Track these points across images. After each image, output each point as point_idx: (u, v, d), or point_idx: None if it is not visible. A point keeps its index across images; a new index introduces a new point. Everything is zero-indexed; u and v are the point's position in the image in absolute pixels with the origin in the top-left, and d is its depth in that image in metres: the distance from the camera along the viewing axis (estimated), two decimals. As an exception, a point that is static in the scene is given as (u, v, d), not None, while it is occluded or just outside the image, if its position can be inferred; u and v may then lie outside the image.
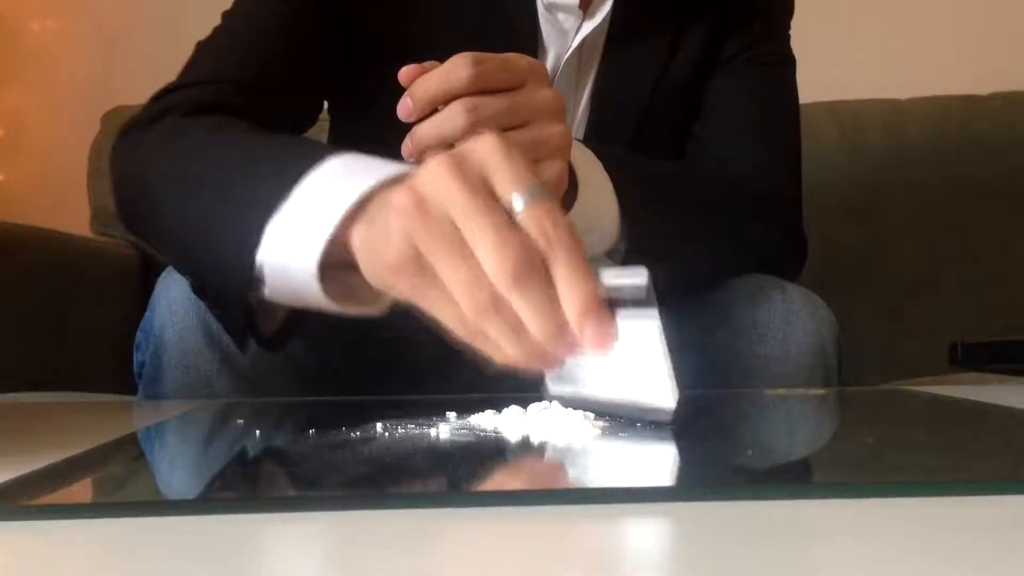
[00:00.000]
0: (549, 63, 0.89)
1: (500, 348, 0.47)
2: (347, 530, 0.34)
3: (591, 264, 0.46)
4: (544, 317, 0.45)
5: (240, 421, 0.63)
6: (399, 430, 0.52)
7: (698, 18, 0.93)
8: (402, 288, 0.48)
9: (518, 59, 0.64)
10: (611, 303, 0.46)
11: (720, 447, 0.54)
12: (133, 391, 0.86)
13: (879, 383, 1.13)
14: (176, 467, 0.52)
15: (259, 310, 0.63)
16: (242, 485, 0.45)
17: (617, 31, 0.91)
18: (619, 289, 0.46)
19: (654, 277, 0.46)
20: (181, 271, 0.75)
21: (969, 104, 1.67)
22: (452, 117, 0.62)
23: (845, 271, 1.56)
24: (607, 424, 0.52)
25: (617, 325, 0.45)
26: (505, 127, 0.63)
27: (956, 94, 1.68)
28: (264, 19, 0.84)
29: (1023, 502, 0.36)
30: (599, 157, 0.75)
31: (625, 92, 0.92)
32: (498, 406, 0.55)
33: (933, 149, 1.63)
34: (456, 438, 0.50)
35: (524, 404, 0.54)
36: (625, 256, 0.78)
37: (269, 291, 0.57)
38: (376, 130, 0.63)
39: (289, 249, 0.54)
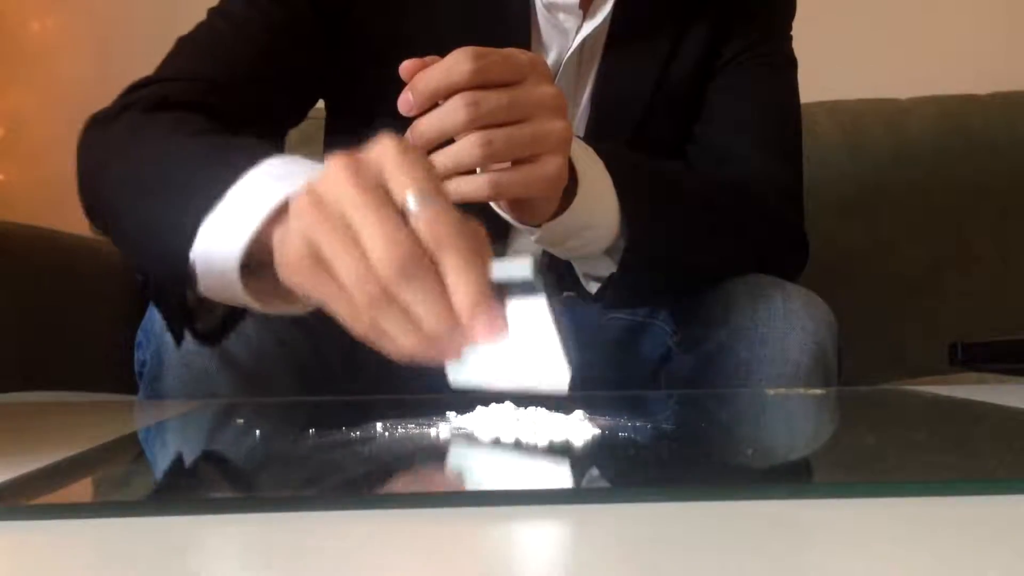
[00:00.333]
0: (550, 62, 0.89)
1: (395, 342, 0.47)
2: (347, 530, 0.34)
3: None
4: (433, 310, 0.45)
5: (240, 421, 0.63)
6: (398, 430, 0.52)
7: (699, 18, 0.93)
8: (302, 285, 0.49)
9: (519, 54, 0.64)
10: (500, 293, 0.47)
11: (720, 447, 0.54)
12: (133, 390, 0.86)
13: (879, 383, 1.13)
14: (176, 467, 0.52)
15: (196, 306, 0.64)
16: (241, 485, 0.45)
17: (618, 31, 0.91)
18: (507, 279, 0.47)
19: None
20: (135, 267, 0.76)
21: (969, 104, 1.67)
22: (453, 111, 0.62)
23: (845, 270, 1.56)
24: (606, 424, 0.52)
25: (506, 314, 0.46)
26: (506, 122, 0.63)
27: (956, 94, 1.68)
28: (247, 18, 0.84)
29: (1023, 502, 0.36)
30: (599, 155, 0.75)
31: (626, 92, 0.92)
32: (497, 405, 0.54)
33: (933, 149, 1.63)
34: (456, 439, 0.50)
35: (523, 404, 0.54)
36: (624, 254, 0.78)
37: (201, 287, 0.58)
38: (370, 127, 0.63)
39: (216, 246, 0.55)
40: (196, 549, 0.32)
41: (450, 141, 0.64)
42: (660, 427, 0.57)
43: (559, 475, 0.44)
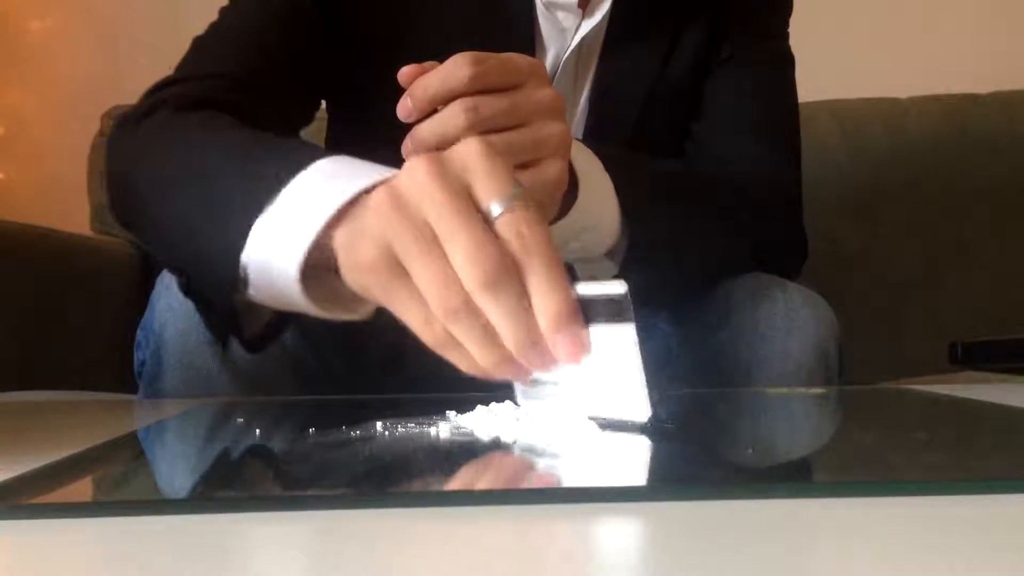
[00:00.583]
0: (549, 62, 0.90)
1: (467, 356, 0.46)
2: (347, 529, 0.34)
3: (569, 275, 0.46)
4: (516, 324, 0.44)
5: (240, 420, 0.63)
6: (398, 430, 0.52)
7: (697, 17, 0.93)
8: (374, 289, 0.48)
9: (518, 59, 0.64)
10: (586, 314, 0.46)
11: (720, 446, 0.54)
12: (133, 390, 0.86)
13: (879, 383, 1.13)
14: (176, 466, 0.52)
15: (244, 310, 0.63)
16: (242, 484, 0.45)
17: (616, 30, 0.91)
18: (595, 300, 0.46)
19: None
20: (169, 268, 0.75)
21: (969, 103, 1.67)
22: (452, 117, 0.62)
23: (845, 270, 1.57)
24: (606, 423, 0.52)
25: (590, 337, 0.45)
26: (505, 126, 0.63)
27: (956, 93, 1.68)
28: (260, 16, 0.85)
29: (1023, 502, 0.36)
30: (599, 156, 0.75)
31: (624, 91, 0.92)
32: (497, 405, 0.54)
33: (933, 148, 1.63)
34: (456, 438, 0.50)
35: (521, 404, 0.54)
36: (626, 255, 0.78)
37: (253, 292, 0.57)
38: (375, 130, 0.63)
39: (273, 250, 0.54)
40: (196, 548, 0.32)
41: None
42: (661, 426, 0.57)
43: (559, 475, 0.44)
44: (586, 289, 0.46)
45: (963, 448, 0.52)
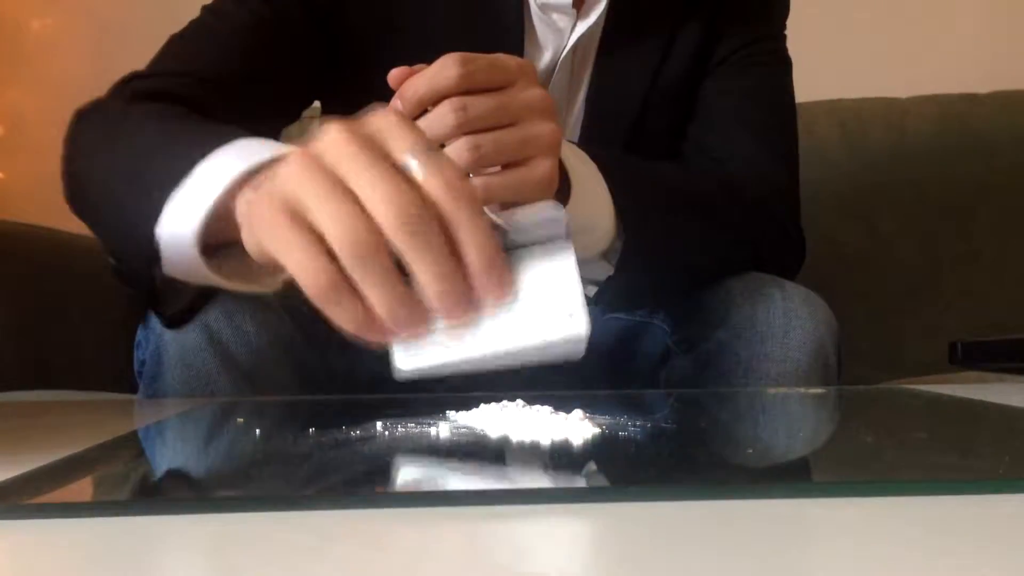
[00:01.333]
0: (545, 62, 0.90)
1: (351, 309, 0.44)
2: (347, 529, 0.34)
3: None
4: (443, 268, 0.42)
5: (240, 420, 0.63)
6: (398, 429, 0.52)
7: (693, 18, 0.93)
8: (267, 241, 0.46)
9: (506, 59, 0.64)
10: (522, 238, 0.45)
11: (720, 446, 0.54)
12: (133, 390, 0.86)
13: (878, 381, 1.13)
14: (175, 466, 0.52)
15: (166, 288, 0.64)
16: (241, 484, 0.45)
17: (612, 31, 0.91)
18: (531, 223, 0.45)
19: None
20: (106, 253, 0.75)
21: (969, 103, 1.67)
22: (441, 117, 0.62)
23: (845, 270, 1.57)
24: (606, 423, 0.52)
25: (523, 259, 0.45)
26: (494, 126, 0.63)
27: (956, 93, 1.68)
28: (240, 16, 0.85)
29: (1023, 502, 0.36)
30: (593, 158, 0.75)
31: (621, 92, 0.92)
32: (496, 404, 0.54)
33: (933, 148, 1.63)
34: (455, 438, 0.50)
35: (525, 402, 0.54)
36: (622, 256, 0.78)
37: (166, 266, 0.58)
38: None
39: (177, 220, 0.54)
40: (196, 548, 0.32)
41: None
42: (659, 426, 0.57)
43: (558, 475, 0.44)
44: (523, 211, 0.46)
45: (963, 448, 0.52)
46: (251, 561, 0.31)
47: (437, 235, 0.43)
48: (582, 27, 0.88)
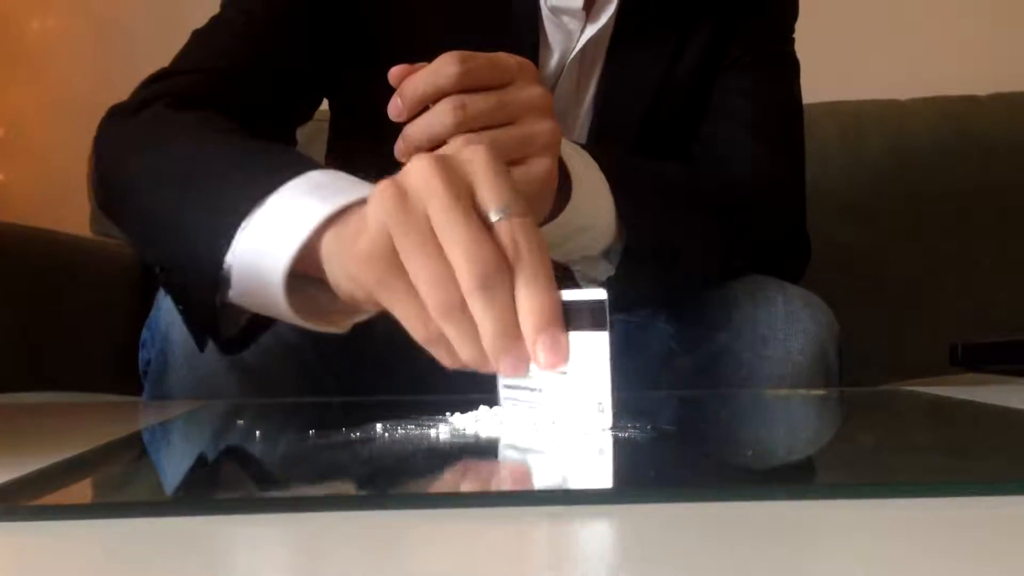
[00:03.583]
0: (553, 64, 0.89)
1: (452, 352, 0.47)
2: (347, 530, 0.34)
3: (567, 278, 0.47)
4: (501, 325, 0.45)
5: (240, 422, 0.63)
6: (399, 431, 0.52)
7: (702, 19, 0.93)
8: (368, 281, 0.48)
9: (506, 57, 0.65)
10: (566, 320, 0.47)
11: (720, 447, 0.54)
12: (133, 391, 0.86)
13: (879, 383, 1.13)
14: (176, 468, 0.52)
15: (221, 311, 0.63)
16: (242, 486, 0.45)
17: (621, 33, 0.91)
18: (574, 306, 0.47)
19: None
20: (149, 262, 0.75)
21: (969, 104, 1.67)
22: (440, 115, 0.62)
23: (845, 272, 1.56)
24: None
25: (570, 343, 0.46)
26: (493, 124, 0.63)
27: (956, 94, 1.68)
28: (261, 13, 0.85)
29: (1023, 502, 0.36)
30: (595, 157, 0.75)
31: (630, 93, 0.92)
32: (498, 407, 0.54)
33: (933, 149, 1.63)
34: (455, 440, 0.50)
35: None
36: (623, 255, 0.78)
37: (235, 294, 0.57)
38: (375, 128, 0.64)
39: (261, 253, 0.54)
40: (197, 550, 0.32)
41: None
42: (661, 428, 0.57)
43: (559, 476, 0.44)
44: (567, 296, 0.47)
45: (963, 449, 0.52)
46: (251, 563, 0.31)
47: (504, 293, 0.45)
48: (592, 30, 0.88)
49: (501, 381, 0.53)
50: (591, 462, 0.46)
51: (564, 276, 0.49)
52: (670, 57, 0.93)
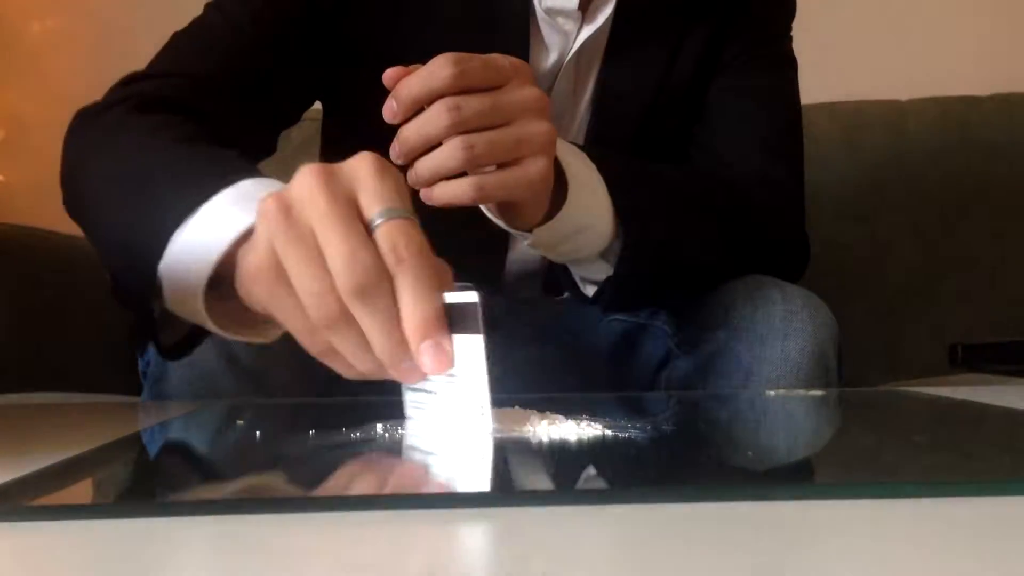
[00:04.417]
0: (549, 65, 0.89)
1: (348, 364, 0.47)
2: (347, 530, 0.34)
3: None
4: (383, 334, 0.45)
5: (240, 422, 0.63)
6: (399, 431, 0.52)
7: (699, 21, 0.93)
8: (260, 295, 0.48)
9: (500, 59, 0.65)
10: (450, 322, 0.47)
11: (720, 447, 0.54)
12: (133, 391, 0.86)
13: (879, 383, 1.13)
14: (176, 468, 0.52)
15: (163, 318, 0.63)
16: (241, 486, 0.45)
17: (619, 35, 0.91)
18: (453, 309, 0.46)
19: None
20: (104, 267, 0.75)
21: (969, 104, 1.67)
22: (435, 117, 0.62)
23: (845, 271, 1.56)
24: (606, 425, 0.52)
25: (453, 347, 0.46)
26: (488, 125, 0.63)
27: (956, 94, 1.68)
28: (242, 18, 0.84)
29: (1023, 502, 0.36)
30: (592, 157, 0.75)
31: (627, 94, 0.92)
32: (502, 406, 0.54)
33: (933, 149, 1.63)
34: (455, 439, 0.50)
35: (523, 405, 0.54)
36: (620, 255, 0.78)
37: (167, 302, 0.57)
38: (367, 130, 0.64)
39: (184, 264, 0.54)
40: (196, 551, 0.32)
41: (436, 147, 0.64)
42: (660, 428, 0.57)
43: (559, 476, 0.44)
44: (447, 298, 0.47)
45: (963, 449, 0.52)
46: (252, 563, 0.31)
47: (384, 303, 0.45)
48: (588, 31, 0.88)
49: (404, 386, 0.53)
50: (589, 462, 0.46)
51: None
52: (668, 58, 0.92)
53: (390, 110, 0.63)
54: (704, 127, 0.96)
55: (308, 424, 0.58)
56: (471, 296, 0.46)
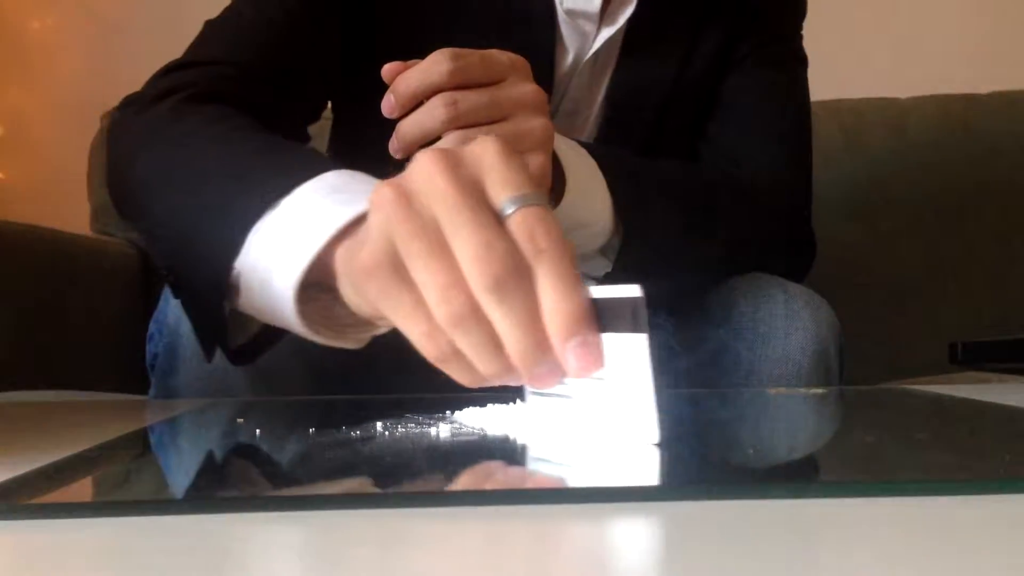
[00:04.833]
0: (568, 65, 0.90)
1: (470, 369, 0.43)
2: (348, 530, 0.34)
3: (583, 277, 0.43)
4: (523, 331, 0.41)
5: (240, 420, 0.63)
6: (400, 429, 0.52)
7: (713, 20, 0.94)
8: (373, 295, 0.44)
9: (498, 54, 0.65)
10: (599, 320, 0.42)
11: (720, 446, 0.54)
12: (134, 389, 0.86)
13: (879, 382, 1.13)
14: (176, 466, 0.52)
15: (232, 319, 0.60)
16: (242, 484, 0.45)
17: (634, 35, 0.91)
18: (607, 305, 0.42)
19: (640, 285, 0.43)
20: (160, 264, 0.72)
21: (969, 104, 1.67)
22: (432, 111, 0.62)
23: (846, 270, 1.56)
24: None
25: (603, 347, 0.41)
26: (486, 121, 0.63)
27: (956, 93, 1.68)
28: (274, 8, 0.84)
29: (1023, 502, 0.36)
30: (591, 153, 0.75)
31: (641, 94, 0.93)
32: (506, 403, 0.54)
33: (934, 148, 1.63)
34: (458, 438, 0.50)
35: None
36: (620, 252, 0.78)
37: (244, 302, 0.55)
38: (379, 128, 0.64)
39: (271, 261, 0.51)
40: (198, 549, 0.32)
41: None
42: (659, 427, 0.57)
43: (559, 475, 0.44)
44: (597, 293, 0.42)
45: (964, 448, 0.52)
46: (252, 562, 0.31)
47: (523, 297, 0.40)
48: (607, 32, 0.88)
49: (529, 389, 0.49)
50: (592, 462, 0.46)
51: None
52: (682, 58, 0.93)
53: (388, 104, 0.63)
54: (713, 123, 0.96)
55: (310, 422, 0.58)
56: (633, 291, 0.41)
